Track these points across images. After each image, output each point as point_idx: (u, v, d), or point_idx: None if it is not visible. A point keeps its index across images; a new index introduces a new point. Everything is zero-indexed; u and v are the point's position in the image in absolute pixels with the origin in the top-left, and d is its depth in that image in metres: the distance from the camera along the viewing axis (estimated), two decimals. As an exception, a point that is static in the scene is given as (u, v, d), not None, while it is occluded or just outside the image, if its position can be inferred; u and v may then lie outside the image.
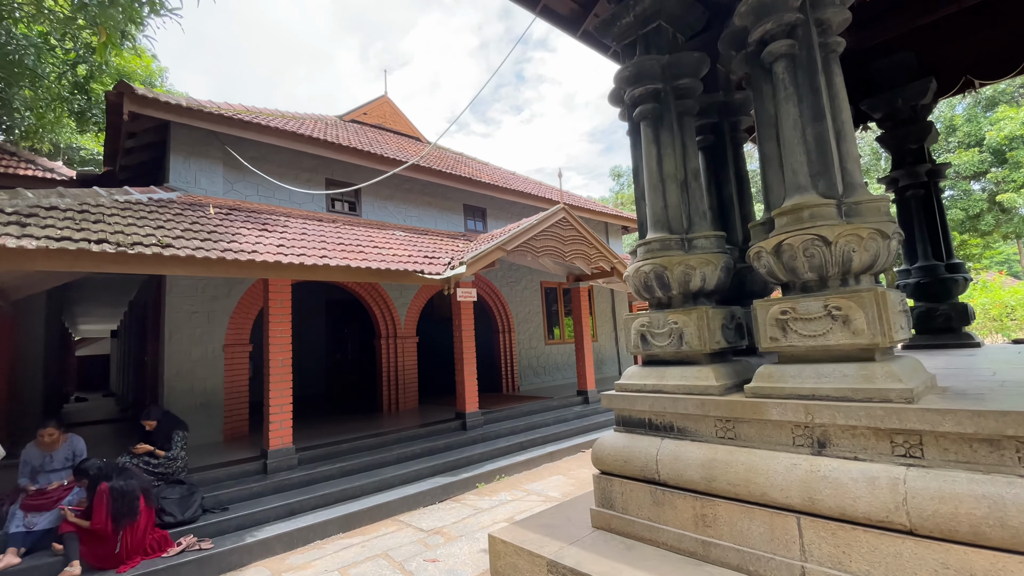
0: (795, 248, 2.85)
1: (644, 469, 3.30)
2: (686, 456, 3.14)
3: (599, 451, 3.60)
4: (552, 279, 12.13)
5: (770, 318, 2.94)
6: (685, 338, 3.35)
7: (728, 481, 2.90)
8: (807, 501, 2.60)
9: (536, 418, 7.91)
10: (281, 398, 5.46)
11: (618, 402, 3.59)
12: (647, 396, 3.43)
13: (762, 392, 2.91)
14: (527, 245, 7.40)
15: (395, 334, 8.97)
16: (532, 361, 11.32)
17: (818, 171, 3.01)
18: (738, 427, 3.01)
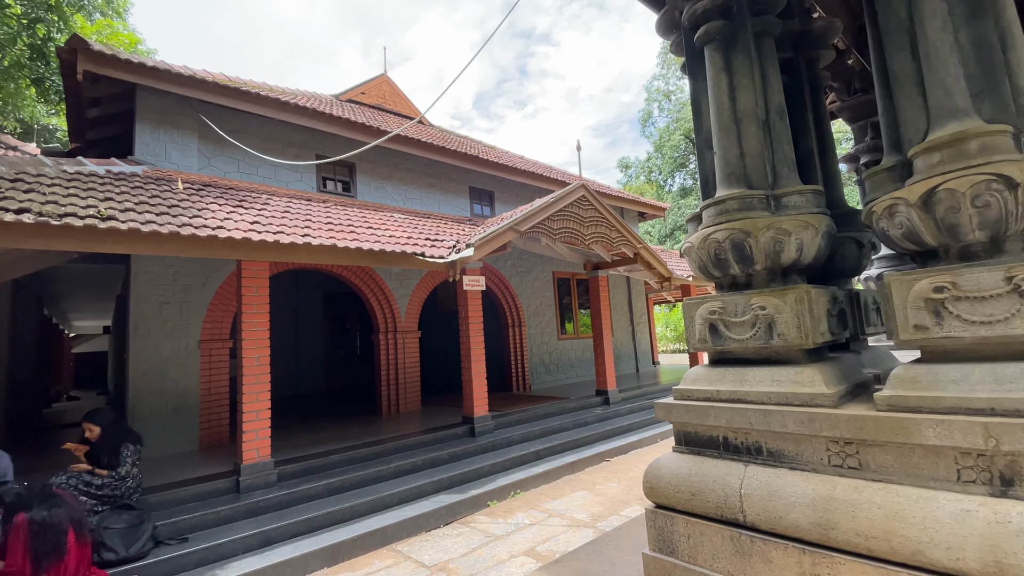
0: (958, 196, 1.98)
1: (721, 506, 2.45)
2: (787, 491, 2.28)
3: (654, 478, 2.75)
4: (566, 268, 11.26)
5: (915, 298, 2.07)
6: (777, 328, 2.49)
7: (857, 531, 2.05)
8: (994, 569, 1.74)
9: (553, 422, 7.07)
10: (257, 403, 4.64)
11: (680, 414, 2.74)
12: (722, 407, 2.57)
13: (906, 404, 2.05)
14: (542, 226, 6.54)
15: (395, 328, 8.15)
16: (544, 357, 10.48)
17: (981, 88, 2.14)
18: (866, 453, 2.15)
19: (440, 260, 5.55)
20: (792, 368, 2.45)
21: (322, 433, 6.50)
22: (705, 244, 2.73)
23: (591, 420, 7.51)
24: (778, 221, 2.53)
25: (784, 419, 2.33)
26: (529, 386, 9.97)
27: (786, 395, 2.40)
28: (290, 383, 12.64)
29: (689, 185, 39.57)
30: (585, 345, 11.47)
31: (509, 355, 9.92)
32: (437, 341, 12.58)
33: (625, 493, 5.21)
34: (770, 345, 2.50)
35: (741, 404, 2.51)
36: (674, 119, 39.36)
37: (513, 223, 6.15)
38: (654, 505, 2.76)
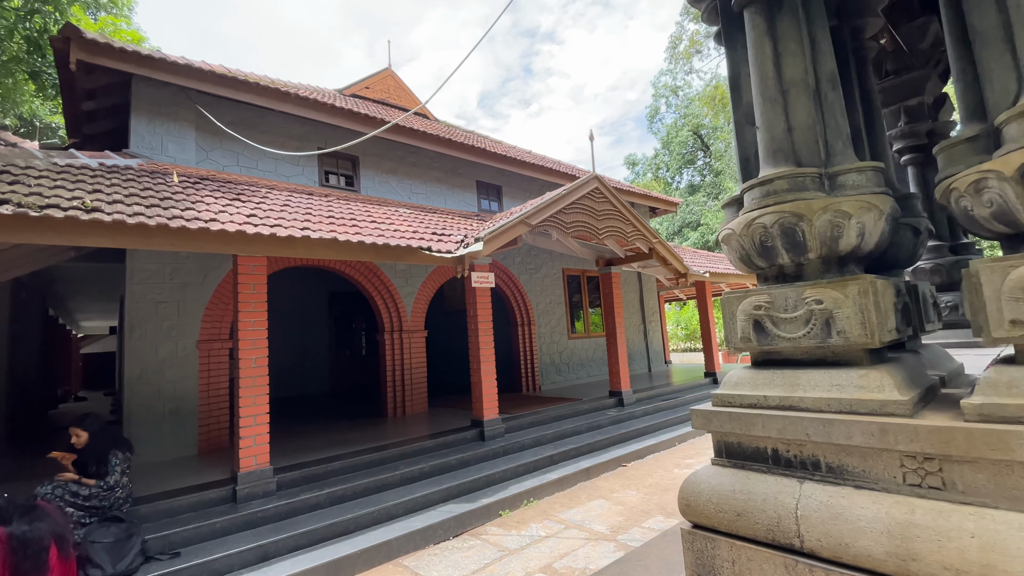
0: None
1: (773, 529, 2.15)
2: (854, 514, 1.98)
3: (691, 494, 2.45)
4: (576, 265, 10.95)
5: (1011, 288, 1.77)
6: (836, 325, 2.18)
7: (944, 563, 1.75)
8: None
9: (566, 425, 6.77)
10: (255, 407, 4.39)
11: (722, 422, 2.43)
12: (772, 415, 2.27)
13: (1004, 414, 1.75)
14: (554, 220, 6.24)
15: (400, 327, 7.88)
16: (554, 357, 10.18)
17: (1088, 42, 1.81)
18: (951, 471, 1.85)
19: (448, 255, 5.27)
20: (854, 371, 2.14)
21: (325, 437, 6.24)
22: (749, 230, 2.42)
23: (605, 423, 7.21)
24: (836, 202, 2.22)
25: (849, 430, 2.02)
26: (539, 387, 9.68)
27: (849, 402, 2.09)
28: (294, 384, 12.45)
29: (697, 182, 39.13)
30: (596, 344, 11.16)
31: (518, 355, 9.63)
32: (444, 341, 12.33)
33: (645, 502, 4.91)
34: (827, 344, 2.20)
35: (794, 412, 2.20)
36: (682, 115, 38.91)
37: (524, 216, 5.86)
38: (691, 525, 2.46)
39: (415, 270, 8.21)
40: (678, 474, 5.75)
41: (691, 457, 6.47)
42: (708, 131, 37.72)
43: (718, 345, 10.84)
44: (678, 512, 4.63)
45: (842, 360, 2.23)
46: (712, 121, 36.44)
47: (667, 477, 5.67)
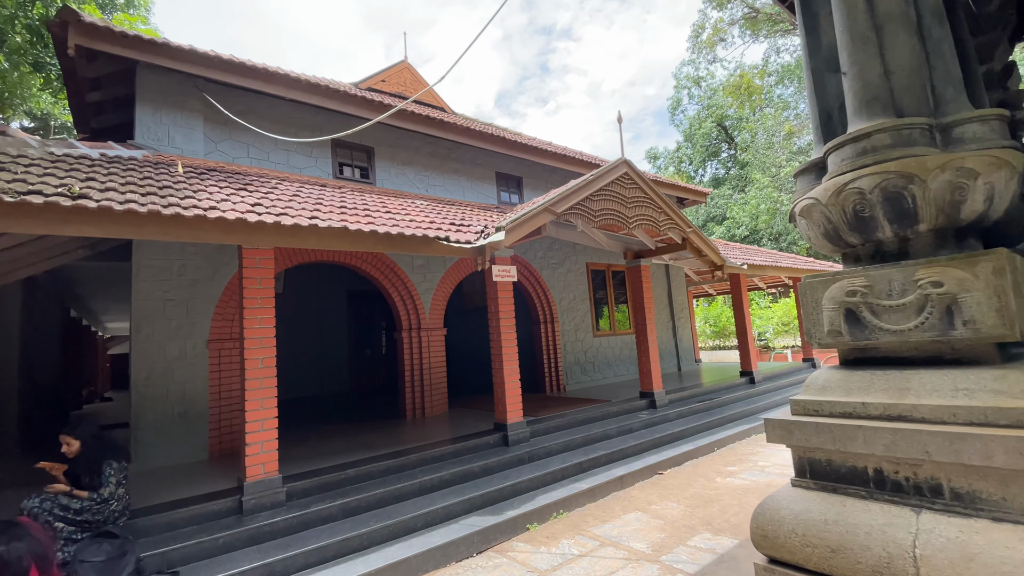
0: None
1: (883, 570, 1.72)
2: (996, 555, 1.56)
3: (768, 523, 2.04)
4: (601, 259, 10.50)
5: None
6: (963, 314, 1.74)
7: None
8: None
9: (595, 429, 6.35)
10: (262, 411, 4.09)
11: (807, 436, 2.01)
12: (877, 428, 1.84)
13: None
14: (581, 208, 5.82)
15: (418, 325, 7.57)
16: (579, 356, 9.75)
17: None
18: None
19: (467, 245, 4.91)
20: (987, 371, 1.70)
21: (340, 440, 5.95)
22: (839, 198, 1.98)
23: (637, 426, 6.76)
24: (957, 159, 1.77)
25: (987, 447, 1.58)
26: (564, 387, 9.27)
27: (983, 411, 1.65)
28: (312, 384, 12.29)
29: (721, 175, 38.10)
30: (623, 342, 10.69)
31: (541, 353, 9.23)
32: (465, 339, 12.00)
33: (688, 516, 4.47)
34: (948, 338, 1.76)
35: (906, 424, 1.77)
36: (705, 106, 37.92)
37: (548, 203, 5.46)
38: (767, 559, 2.05)
39: (433, 265, 7.89)
40: (721, 484, 5.29)
41: (733, 464, 5.98)
42: (733, 122, 36.65)
43: (754, 343, 10.25)
44: (726, 529, 4.19)
45: (966, 358, 1.78)
46: (737, 111, 35.38)
47: (709, 487, 5.21)
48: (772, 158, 31.53)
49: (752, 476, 5.51)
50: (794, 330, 17.50)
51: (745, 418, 7.85)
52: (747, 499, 4.81)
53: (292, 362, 11.86)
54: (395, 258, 7.44)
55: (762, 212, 27.60)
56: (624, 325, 10.88)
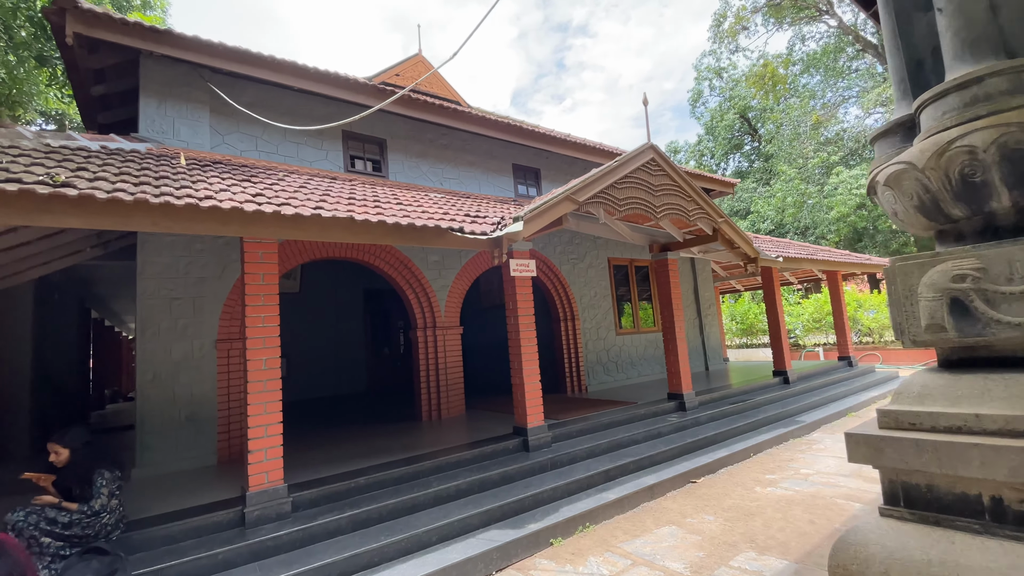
0: None
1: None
2: None
3: (852, 560, 1.67)
4: (623, 253, 10.09)
5: None
6: None
7: None
8: None
9: (621, 433, 5.98)
10: (265, 415, 3.85)
11: (903, 455, 1.63)
12: (996, 446, 1.45)
13: None
14: (605, 196, 5.45)
15: (434, 324, 7.30)
16: (601, 355, 9.37)
17: None
18: None
19: (483, 237, 4.59)
20: None
21: (352, 445, 5.71)
22: (941, 160, 1.60)
23: (666, 430, 6.37)
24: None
25: None
26: (585, 387, 8.90)
27: None
28: (329, 384, 12.17)
29: (744, 168, 37.12)
30: (647, 340, 10.26)
31: (561, 352, 8.88)
32: (482, 339, 11.73)
33: (727, 531, 4.08)
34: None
35: (1046, 443, 1.38)
36: (727, 97, 36.98)
37: (570, 191, 5.11)
38: (855, 607, 1.67)
39: (448, 261, 7.61)
40: (761, 494, 4.88)
41: (772, 472, 5.55)
42: (756, 113, 35.65)
43: (787, 340, 9.72)
44: (772, 547, 3.78)
45: None
46: (761, 102, 34.36)
47: (748, 498, 4.80)
48: (799, 149, 30.54)
49: (795, 485, 5.09)
50: (826, 327, 16.78)
51: (781, 421, 7.38)
52: (792, 512, 4.40)
53: (308, 362, 11.77)
54: (409, 254, 7.18)
55: (788, 205, 26.72)
56: (648, 322, 10.45)
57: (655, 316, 10.56)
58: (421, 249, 7.35)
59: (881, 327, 15.40)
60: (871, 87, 27.78)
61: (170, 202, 3.05)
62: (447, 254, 7.61)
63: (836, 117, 31.05)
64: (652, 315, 10.54)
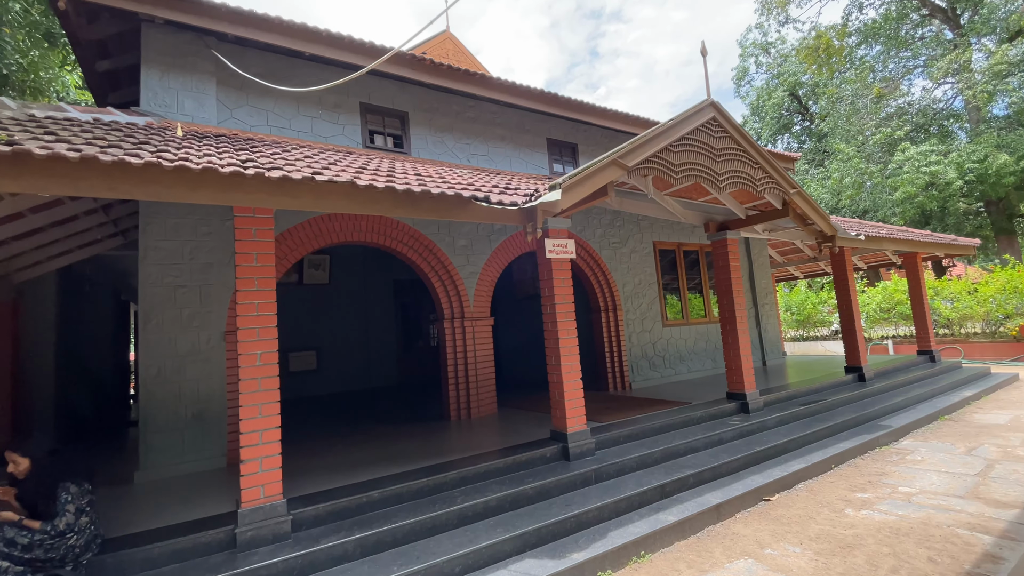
0: None
1: None
2: None
3: None
4: (670, 236, 9.19)
5: None
6: None
7: None
8: None
9: (677, 440, 5.18)
10: (261, 419, 3.30)
11: None
12: None
13: None
14: (658, 162, 4.63)
15: (462, 314, 6.68)
16: (646, 349, 8.53)
17: None
18: None
19: (513, 208, 3.89)
20: None
21: (370, 448, 5.16)
22: None
23: (728, 436, 5.52)
24: None
25: None
26: (629, 384, 8.10)
27: None
28: (359, 378, 11.85)
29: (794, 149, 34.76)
30: (697, 333, 9.32)
31: (603, 346, 8.10)
32: (516, 331, 11.08)
33: (822, 570, 3.25)
34: None
35: None
36: (774, 74, 34.70)
37: (617, 154, 4.32)
38: None
39: (477, 246, 6.95)
40: (856, 519, 4.00)
41: (863, 489, 4.64)
42: (807, 90, 33.26)
43: (862, 332, 8.59)
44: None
45: None
46: (813, 77, 31.99)
47: (840, 523, 3.94)
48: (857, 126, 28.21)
49: (897, 508, 4.17)
50: (897, 317, 15.19)
51: (862, 426, 6.36)
52: (903, 546, 3.51)
53: (339, 355, 11.49)
54: (434, 238, 6.57)
55: (846, 187, 24.71)
56: (698, 312, 9.50)
57: (705, 305, 9.60)
58: (448, 232, 6.72)
59: (962, 317, 13.76)
60: (940, 55, 25.25)
61: (126, 160, 2.49)
62: (475, 238, 6.95)
63: (900, 90, 28.50)
64: (703, 304, 9.59)
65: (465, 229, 6.90)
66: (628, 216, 8.69)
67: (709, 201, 6.37)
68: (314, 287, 11.74)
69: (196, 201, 2.92)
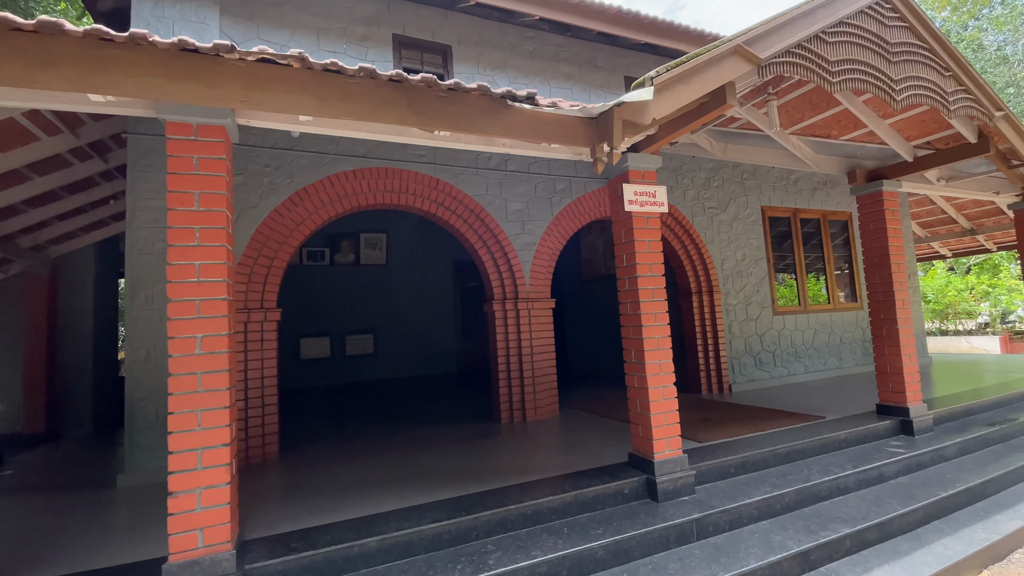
0: None
1: None
2: None
3: None
4: (784, 199, 7.34)
5: None
6: None
7: None
8: None
9: (813, 474, 3.62)
10: (198, 432, 2.29)
11: None
12: None
13: None
14: (805, 54, 3.06)
15: (515, 295, 5.45)
16: (751, 342, 6.83)
17: None
18: None
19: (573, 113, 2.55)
20: None
21: (397, 458, 4.12)
22: None
23: (890, 471, 3.85)
24: None
25: None
26: (729, 386, 6.48)
27: None
28: (417, 364, 11.25)
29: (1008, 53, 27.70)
30: (818, 323, 7.43)
31: (693, 338, 6.54)
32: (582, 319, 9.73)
33: None
34: None
35: None
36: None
37: (741, 39, 2.83)
38: None
39: (534, 211, 5.66)
40: None
41: None
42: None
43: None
44: None
45: None
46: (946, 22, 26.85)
47: None
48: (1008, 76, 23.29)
49: None
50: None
51: (1092, 461, 4.37)
52: None
53: (396, 340, 10.95)
54: (481, 200, 5.37)
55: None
56: (820, 298, 7.59)
57: (829, 288, 7.64)
58: (499, 193, 5.49)
59: None
60: None
61: None
62: (532, 201, 5.67)
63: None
64: (828, 287, 7.64)
65: (520, 190, 5.63)
66: (730, 173, 6.97)
67: (856, 140, 4.60)
68: (371, 267, 11.25)
69: (42, 87, 1.89)
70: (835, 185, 7.94)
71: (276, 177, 4.66)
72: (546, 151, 3.17)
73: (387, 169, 5.03)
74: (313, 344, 10.60)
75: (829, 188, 7.87)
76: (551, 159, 5.80)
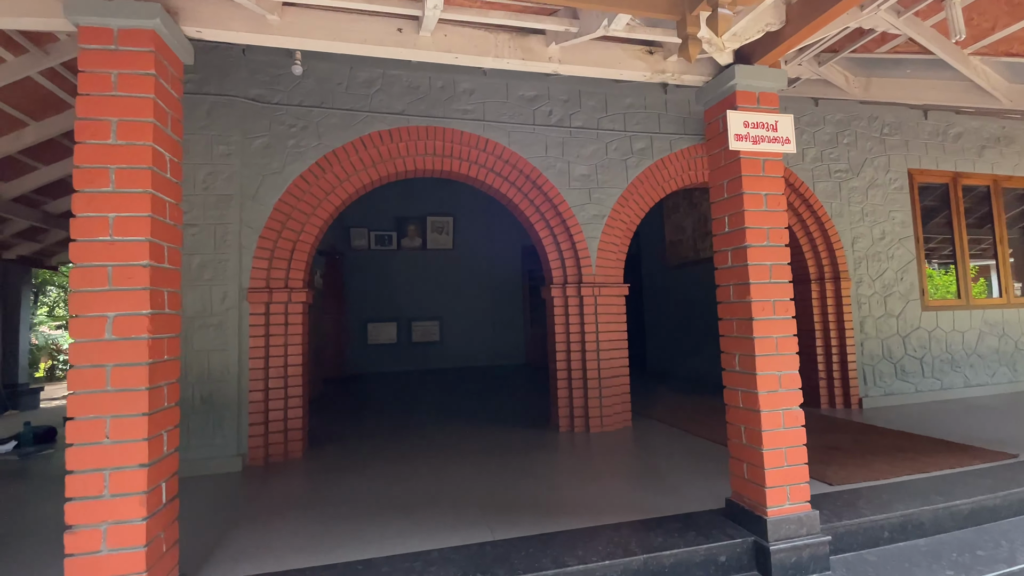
0: None
1: None
2: None
3: None
4: (942, 159, 5.71)
5: None
6: None
7: None
8: None
9: (1021, 556, 2.39)
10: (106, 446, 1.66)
11: None
12: None
13: None
14: None
15: (579, 278, 4.53)
16: (891, 343, 5.36)
17: None
18: None
19: None
20: None
21: (427, 474, 3.40)
22: None
23: None
24: None
25: None
26: (859, 401, 5.09)
27: None
28: (483, 353, 11.00)
29: None
30: (984, 322, 5.72)
31: (812, 336, 5.22)
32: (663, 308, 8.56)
33: None
34: None
35: None
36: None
37: None
38: None
39: (604, 176, 4.69)
40: None
41: None
42: None
43: None
44: None
45: None
46: None
47: None
48: None
49: None
50: None
51: None
52: None
53: (463, 328, 10.63)
54: (539, 164, 4.49)
55: None
56: (985, 291, 5.85)
57: (1001, 277, 5.86)
58: (560, 154, 4.58)
59: None
60: None
61: None
62: (602, 164, 4.69)
63: None
64: (1000, 275, 5.86)
65: (587, 150, 4.67)
66: (865, 127, 5.48)
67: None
68: (438, 252, 10.96)
69: None
70: (1011, 142, 6.07)
71: (302, 138, 4.11)
72: (614, 67, 2.23)
73: (427, 128, 4.31)
74: (380, 329, 10.50)
75: (1003, 146, 6.02)
76: (627, 106, 4.76)
